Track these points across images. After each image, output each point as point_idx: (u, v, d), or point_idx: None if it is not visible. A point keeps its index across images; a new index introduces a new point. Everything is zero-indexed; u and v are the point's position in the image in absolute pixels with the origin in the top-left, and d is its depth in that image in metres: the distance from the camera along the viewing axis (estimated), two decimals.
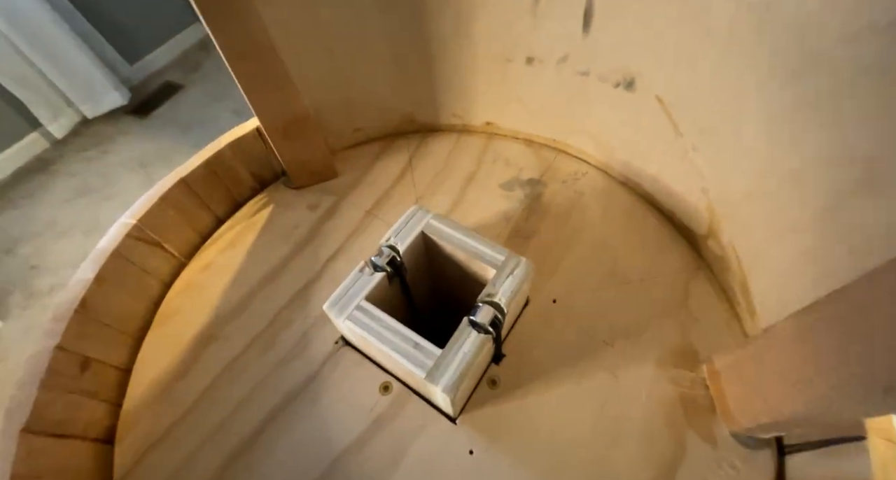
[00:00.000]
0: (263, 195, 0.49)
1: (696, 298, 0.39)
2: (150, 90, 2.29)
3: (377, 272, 0.34)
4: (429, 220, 0.37)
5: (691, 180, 0.39)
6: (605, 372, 0.35)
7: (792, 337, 0.24)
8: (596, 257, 0.43)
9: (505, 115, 0.53)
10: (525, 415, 0.33)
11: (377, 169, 0.52)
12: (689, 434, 0.32)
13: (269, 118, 0.41)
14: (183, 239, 0.43)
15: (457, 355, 0.30)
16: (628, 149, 0.45)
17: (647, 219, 0.45)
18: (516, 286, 0.33)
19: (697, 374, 0.34)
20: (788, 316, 0.25)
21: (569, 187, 0.49)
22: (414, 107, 0.53)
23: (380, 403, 0.34)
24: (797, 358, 0.23)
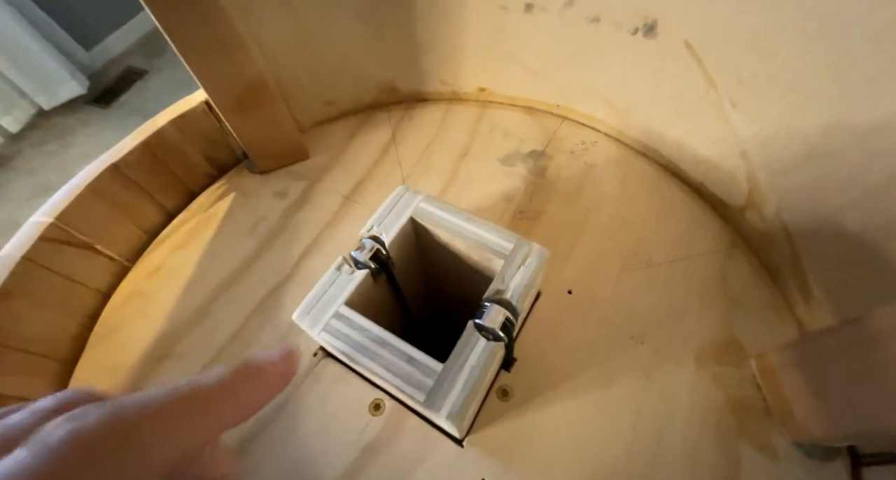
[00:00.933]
0: (222, 182, 0.42)
1: (735, 280, 0.33)
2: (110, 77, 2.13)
3: (358, 269, 0.28)
4: (419, 204, 0.31)
5: (727, 143, 0.33)
6: (636, 374, 0.30)
7: None
8: (614, 238, 0.37)
9: (501, 78, 0.46)
10: (545, 432, 0.28)
11: (355, 147, 0.45)
12: (743, 445, 0.26)
13: (216, 87, 0.34)
14: (123, 238, 0.36)
15: (463, 370, 0.24)
16: (648, 111, 0.39)
17: (672, 191, 0.39)
18: (530, 279, 0.27)
19: (745, 371, 0.29)
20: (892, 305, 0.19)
21: (577, 159, 0.43)
22: (394, 72, 0.45)
23: (370, 426, 0.28)
24: None
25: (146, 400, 0.11)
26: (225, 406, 0.13)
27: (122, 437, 0.10)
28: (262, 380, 0.14)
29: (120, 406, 0.10)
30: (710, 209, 0.37)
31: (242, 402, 0.13)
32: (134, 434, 0.10)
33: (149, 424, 0.10)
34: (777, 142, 0.29)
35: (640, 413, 0.28)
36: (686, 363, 0.30)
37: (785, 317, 0.31)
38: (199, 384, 0.12)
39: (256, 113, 0.37)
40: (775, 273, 0.33)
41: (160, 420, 0.11)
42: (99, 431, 0.09)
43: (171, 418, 0.11)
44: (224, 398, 0.13)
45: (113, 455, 0.09)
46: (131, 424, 0.10)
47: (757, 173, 0.32)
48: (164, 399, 0.11)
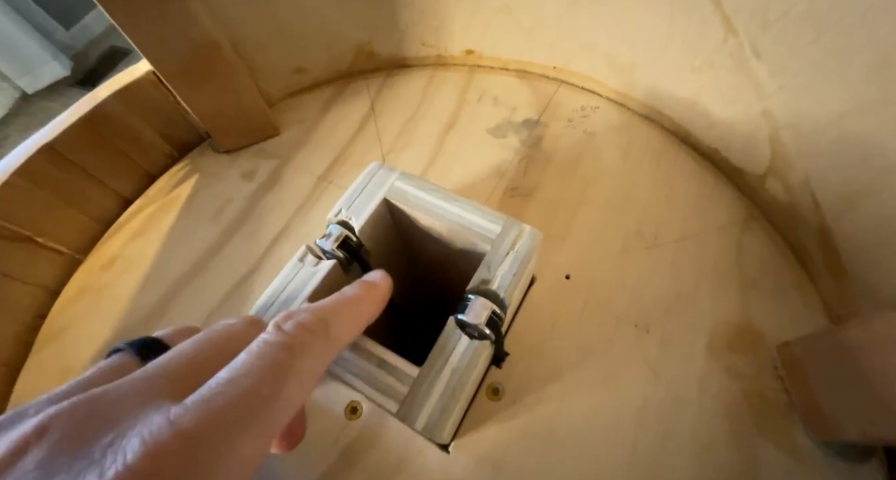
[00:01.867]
0: (184, 163, 0.38)
1: (752, 257, 0.30)
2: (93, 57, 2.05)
3: (325, 260, 0.24)
4: (394, 183, 0.27)
5: (747, 100, 0.29)
6: (641, 367, 0.27)
7: None
8: (617, 215, 0.33)
9: (490, 38, 0.41)
10: (540, 434, 0.25)
11: (330, 120, 0.41)
12: (763, 445, 0.24)
13: (157, 54, 0.29)
14: (70, 228, 0.32)
15: (442, 374, 0.21)
16: (655, 66, 0.34)
17: (681, 160, 0.35)
18: (520, 266, 0.23)
19: (763, 359, 0.26)
20: None
21: (576, 127, 0.38)
22: (370, 33, 0.40)
23: (347, 431, 0.26)
24: None
25: (329, 304, 0.18)
26: (368, 307, 0.19)
27: (326, 324, 0.16)
28: (379, 290, 0.20)
29: (318, 308, 0.17)
30: (724, 178, 0.33)
31: (374, 307, 0.20)
32: (332, 322, 0.17)
33: (337, 316, 0.17)
34: (808, 96, 0.25)
35: (645, 410, 0.25)
36: (696, 352, 0.27)
37: (810, 299, 0.28)
38: (351, 293, 0.19)
39: (210, 82, 0.32)
40: (799, 249, 0.29)
41: (343, 313, 0.18)
42: (311, 321, 0.16)
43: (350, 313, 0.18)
44: (367, 301, 0.19)
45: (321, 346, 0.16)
46: (331, 325, 0.16)
47: (782, 134, 0.27)
48: (339, 301, 0.18)
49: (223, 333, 0.16)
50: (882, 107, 0.21)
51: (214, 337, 0.15)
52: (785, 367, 0.24)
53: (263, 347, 0.14)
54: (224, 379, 0.13)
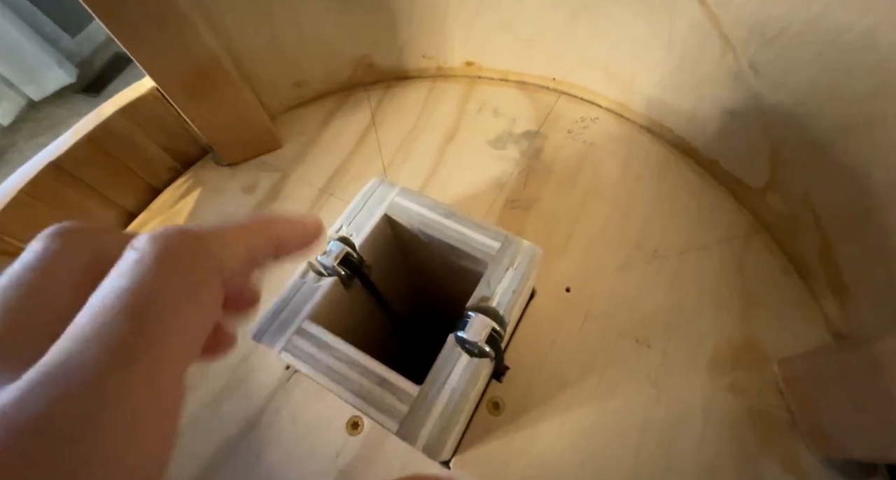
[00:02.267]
0: (186, 177, 0.39)
1: (754, 273, 0.30)
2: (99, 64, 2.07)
3: (326, 277, 0.25)
4: (394, 199, 0.27)
5: (746, 115, 0.29)
6: (643, 383, 0.26)
7: None
8: (617, 227, 0.33)
9: (489, 50, 0.41)
10: (540, 450, 0.25)
11: (331, 132, 0.41)
12: (765, 462, 0.24)
13: (160, 69, 0.30)
14: None
15: (442, 393, 0.21)
16: (654, 80, 0.34)
17: (681, 172, 0.35)
18: (519, 283, 0.23)
19: (766, 376, 0.26)
20: None
21: (576, 138, 0.38)
22: (368, 46, 0.41)
23: (348, 446, 0.26)
24: None
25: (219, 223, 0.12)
26: (273, 229, 0.14)
27: (199, 240, 0.11)
28: (295, 227, 0.15)
29: (191, 226, 0.11)
30: (725, 191, 0.33)
31: (281, 234, 0.14)
32: (208, 239, 0.11)
33: (220, 233, 0.12)
34: (807, 112, 0.25)
35: (647, 427, 0.25)
36: (698, 368, 0.27)
37: (812, 315, 0.28)
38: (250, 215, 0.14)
39: (212, 97, 0.32)
40: (801, 264, 0.29)
41: (229, 232, 0.12)
42: (178, 238, 0.11)
43: (237, 232, 0.13)
44: (270, 224, 0.14)
45: (195, 253, 0.11)
46: (205, 232, 0.11)
47: (782, 149, 0.28)
48: (226, 223, 0.13)
49: (33, 262, 0.11)
50: (880, 127, 0.21)
51: (25, 273, 0.10)
52: (786, 384, 0.24)
53: (126, 265, 0.10)
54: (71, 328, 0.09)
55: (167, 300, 0.10)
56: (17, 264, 0.10)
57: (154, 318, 0.09)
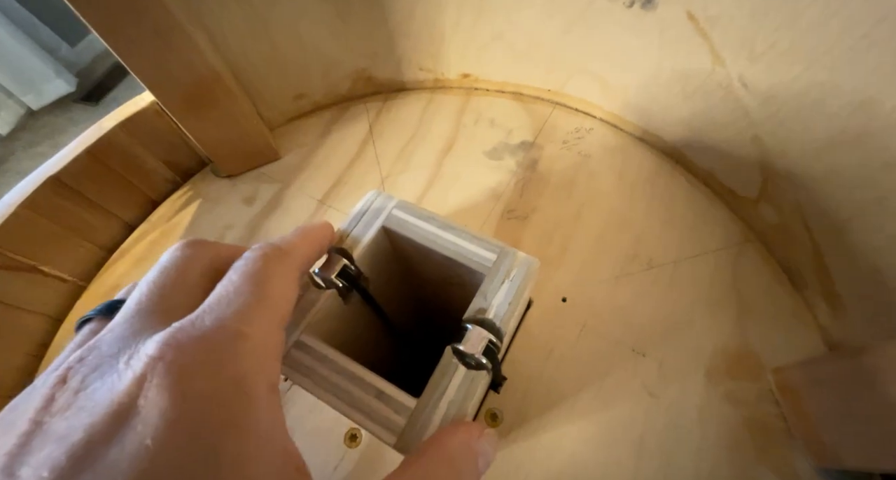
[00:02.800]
0: (186, 189, 0.39)
1: (749, 280, 0.30)
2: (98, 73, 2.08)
3: (324, 289, 0.25)
4: (392, 211, 0.27)
5: (737, 126, 0.30)
6: (640, 392, 0.27)
7: None
8: (612, 237, 0.33)
9: (485, 62, 0.42)
10: (538, 461, 0.25)
11: (330, 144, 0.42)
12: (763, 473, 0.24)
13: (160, 84, 0.30)
14: (74, 256, 0.33)
15: (439, 406, 0.21)
16: (647, 92, 0.35)
17: (676, 182, 0.36)
18: (515, 295, 0.23)
19: (762, 385, 0.26)
20: None
21: (571, 149, 0.39)
22: (366, 59, 0.41)
23: (346, 459, 0.26)
24: None
25: (287, 238, 0.19)
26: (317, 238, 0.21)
27: (284, 251, 0.17)
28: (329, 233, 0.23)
29: (275, 241, 0.18)
30: (718, 201, 0.34)
31: (323, 241, 0.22)
32: (289, 250, 0.18)
33: (294, 245, 0.19)
34: (796, 125, 0.26)
35: (645, 437, 0.25)
36: (695, 378, 0.27)
37: (807, 324, 0.28)
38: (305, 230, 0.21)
39: (212, 111, 0.33)
40: (794, 273, 0.29)
41: (299, 244, 0.19)
42: (273, 250, 0.17)
43: (304, 244, 0.20)
44: (315, 235, 0.21)
45: (283, 259, 0.17)
46: (287, 246, 0.18)
47: (772, 160, 0.28)
48: (295, 236, 0.19)
49: (174, 259, 0.16)
50: (866, 141, 0.22)
51: (170, 265, 0.16)
52: (781, 393, 0.25)
53: (237, 267, 0.15)
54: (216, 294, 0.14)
55: (270, 279, 0.15)
56: (165, 260, 0.16)
57: (265, 286, 0.15)
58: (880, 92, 0.21)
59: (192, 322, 0.12)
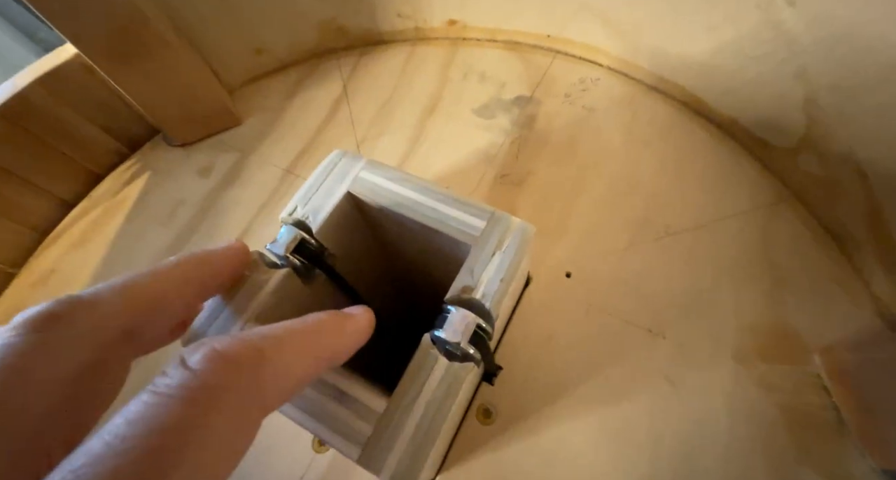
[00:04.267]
0: (133, 160, 0.34)
1: (783, 247, 0.26)
2: None
3: (277, 269, 0.20)
4: (359, 173, 0.23)
5: (776, 58, 0.24)
6: (657, 381, 0.23)
7: None
8: (621, 202, 0.29)
9: (474, 5, 0.36)
10: (537, 463, 0.21)
11: (297, 106, 0.37)
12: (805, 473, 0.20)
13: (75, 28, 0.25)
14: (1, 239, 0.28)
15: (414, 409, 0.17)
16: (662, 27, 0.29)
17: (693, 134, 0.31)
18: (508, 269, 0.19)
19: (805, 370, 0.22)
20: None
21: (574, 103, 0.34)
22: (337, 7, 0.36)
23: (314, 465, 0.22)
24: None
25: (271, 330, 0.12)
26: (336, 339, 0.15)
27: (260, 355, 0.11)
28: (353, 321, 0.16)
29: (253, 333, 0.12)
30: (745, 154, 0.29)
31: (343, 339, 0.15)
32: (269, 353, 0.11)
33: (279, 345, 0.12)
34: (853, 50, 0.20)
35: (662, 434, 0.21)
36: (722, 362, 0.23)
37: (858, 295, 0.23)
38: (307, 319, 0.14)
39: (145, 63, 0.28)
40: (842, 236, 0.25)
41: (290, 343, 0.12)
42: (235, 349, 0.11)
43: (304, 343, 0.13)
44: (335, 332, 0.15)
45: (253, 370, 0.11)
46: (267, 344, 0.11)
47: (820, 97, 0.23)
48: (287, 327, 0.13)
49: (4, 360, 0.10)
50: None
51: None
52: (831, 378, 0.21)
53: (149, 402, 0.09)
54: (73, 467, 0.08)
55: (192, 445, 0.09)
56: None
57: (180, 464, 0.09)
58: None
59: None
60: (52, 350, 0.11)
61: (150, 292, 0.13)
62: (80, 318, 0.11)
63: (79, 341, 0.11)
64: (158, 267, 0.14)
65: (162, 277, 0.14)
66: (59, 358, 0.11)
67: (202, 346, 0.11)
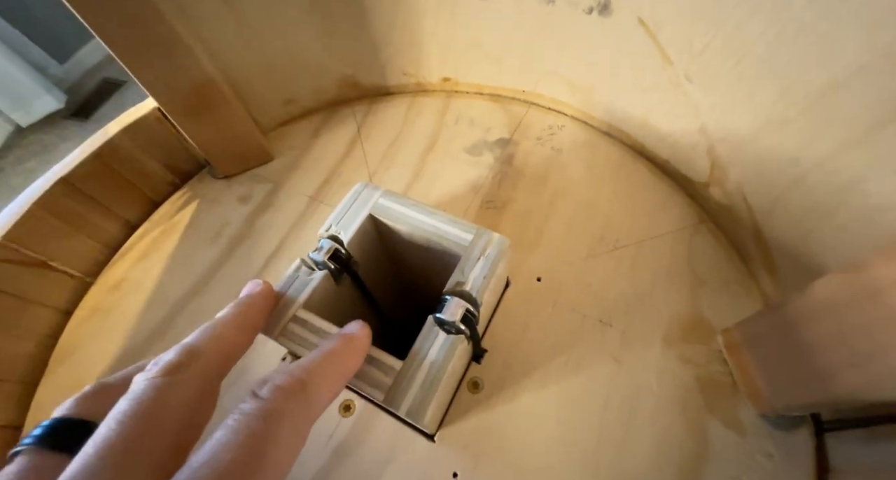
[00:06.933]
0: (184, 190, 0.41)
1: (702, 257, 0.33)
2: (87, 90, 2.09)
3: (318, 271, 0.27)
4: (378, 200, 0.30)
5: (686, 118, 0.33)
6: (606, 359, 0.29)
7: (856, 297, 0.18)
8: (582, 222, 0.36)
9: (464, 66, 0.45)
10: (514, 423, 0.28)
11: (320, 145, 0.44)
12: (712, 423, 0.26)
13: (163, 92, 0.33)
14: (80, 253, 0.35)
15: (422, 366, 0.23)
16: (609, 90, 0.38)
17: (638, 171, 0.39)
18: (490, 270, 0.26)
19: (712, 347, 0.29)
20: (837, 273, 0.19)
21: (544, 144, 0.42)
22: (352, 66, 0.44)
23: (340, 427, 0.28)
24: (865, 321, 0.18)
25: (307, 363, 0.17)
26: (349, 360, 0.20)
27: (303, 385, 0.16)
28: (357, 341, 0.21)
29: (296, 368, 0.16)
30: (676, 187, 0.37)
31: (354, 359, 0.21)
32: (308, 382, 0.16)
33: (314, 375, 0.17)
34: (732, 114, 0.29)
35: (609, 399, 0.28)
36: (654, 343, 0.30)
37: (752, 292, 0.31)
38: (328, 348, 0.19)
39: (209, 116, 0.36)
40: (741, 248, 0.32)
41: (320, 372, 0.17)
42: (287, 383, 0.15)
43: (329, 370, 0.18)
44: (347, 355, 0.20)
45: (300, 396, 0.15)
46: (306, 376, 0.16)
47: (716, 147, 0.31)
48: (316, 360, 0.18)
49: (147, 393, 0.14)
50: (787, 125, 0.25)
51: (142, 403, 0.14)
52: (728, 351, 0.28)
53: (240, 419, 0.14)
54: (199, 462, 0.12)
55: (270, 447, 0.13)
56: (140, 391, 0.14)
57: (262, 458, 0.13)
58: (796, 82, 0.24)
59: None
60: (179, 387, 0.15)
61: (232, 339, 0.18)
62: (193, 364, 0.15)
63: (194, 380, 0.15)
64: (227, 316, 0.19)
65: (233, 325, 0.19)
66: (184, 392, 0.15)
67: (267, 383, 0.15)
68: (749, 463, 0.25)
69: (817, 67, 0.22)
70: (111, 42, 0.29)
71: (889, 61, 0.19)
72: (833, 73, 0.21)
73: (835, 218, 0.23)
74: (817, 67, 0.22)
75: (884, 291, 0.16)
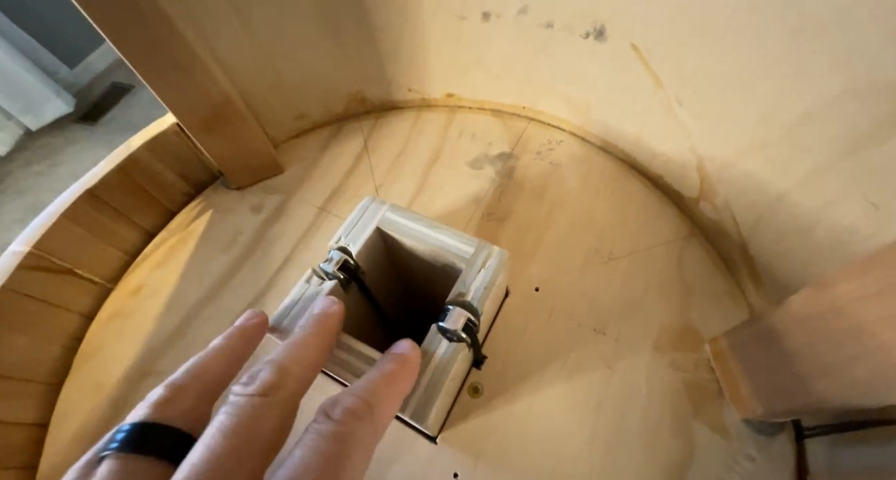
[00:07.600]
0: (199, 200, 0.43)
1: (692, 269, 0.35)
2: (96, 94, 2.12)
3: (327, 280, 0.29)
4: (385, 213, 0.32)
5: (677, 138, 0.35)
6: (598, 365, 0.31)
7: (824, 311, 0.20)
8: (578, 234, 0.38)
9: (467, 84, 0.47)
10: (513, 426, 0.29)
11: (328, 158, 0.46)
12: (697, 427, 0.28)
13: (182, 109, 0.35)
14: (103, 260, 0.37)
15: (426, 372, 0.25)
16: (605, 108, 0.40)
17: (632, 185, 0.41)
18: (490, 281, 0.28)
19: (700, 355, 0.31)
20: (808, 288, 0.21)
21: (543, 158, 0.44)
22: (361, 83, 0.46)
23: None
24: (832, 334, 0.19)
25: (370, 386, 0.18)
26: (405, 382, 0.21)
27: (369, 407, 0.17)
28: (411, 364, 0.22)
29: (361, 390, 0.18)
30: (668, 201, 0.39)
31: (409, 382, 0.22)
32: (374, 404, 0.17)
33: (378, 397, 0.18)
34: (718, 136, 0.31)
35: (602, 403, 0.30)
36: (644, 350, 0.31)
37: (739, 303, 0.33)
38: (388, 370, 0.20)
39: (225, 131, 0.38)
40: (728, 260, 0.34)
41: (383, 394, 0.18)
42: (356, 405, 0.16)
43: (390, 392, 0.19)
44: (403, 376, 0.21)
45: (367, 417, 0.16)
46: (371, 397, 0.17)
47: (705, 165, 0.33)
48: (377, 382, 0.19)
49: (247, 410, 0.15)
50: (766, 149, 0.27)
51: (242, 419, 0.15)
52: (715, 359, 0.29)
53: (318, 440, 0.15)
54: (290, 468, 0.13)
55: (346, 467, 0.15)
56: (240, 408, 0.15)
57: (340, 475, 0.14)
58: (775, 108, 0.26)
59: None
60: (274, 407, 0.16)
61: (313, 360, 0.20)
62: (284, 385, 0.17)
63: (286, 401, 0.16)
64: (309, 335, 0.21)
65: (314, 346, 0.20)
66: (277, 412, 0.16)
67: (338, 404, 0.16)
68: (732, 465, 0.27)
69: (793, 97, 0.24)
70: (138, 65, 0.31)
71: (855, 96, 0.21)
72: (807, 104, 0.23)
73: (812, 236, 0.25)
74: (793, 97, 0.24)
75: (846, 307, 0.18)
